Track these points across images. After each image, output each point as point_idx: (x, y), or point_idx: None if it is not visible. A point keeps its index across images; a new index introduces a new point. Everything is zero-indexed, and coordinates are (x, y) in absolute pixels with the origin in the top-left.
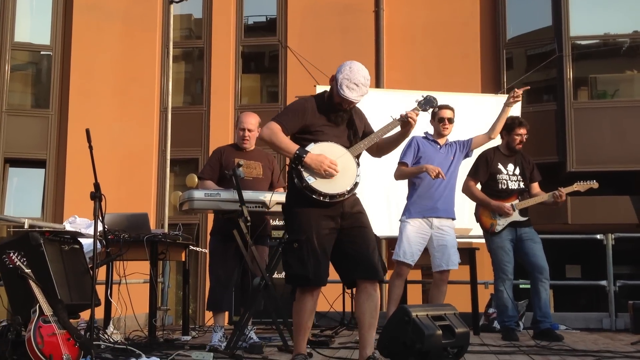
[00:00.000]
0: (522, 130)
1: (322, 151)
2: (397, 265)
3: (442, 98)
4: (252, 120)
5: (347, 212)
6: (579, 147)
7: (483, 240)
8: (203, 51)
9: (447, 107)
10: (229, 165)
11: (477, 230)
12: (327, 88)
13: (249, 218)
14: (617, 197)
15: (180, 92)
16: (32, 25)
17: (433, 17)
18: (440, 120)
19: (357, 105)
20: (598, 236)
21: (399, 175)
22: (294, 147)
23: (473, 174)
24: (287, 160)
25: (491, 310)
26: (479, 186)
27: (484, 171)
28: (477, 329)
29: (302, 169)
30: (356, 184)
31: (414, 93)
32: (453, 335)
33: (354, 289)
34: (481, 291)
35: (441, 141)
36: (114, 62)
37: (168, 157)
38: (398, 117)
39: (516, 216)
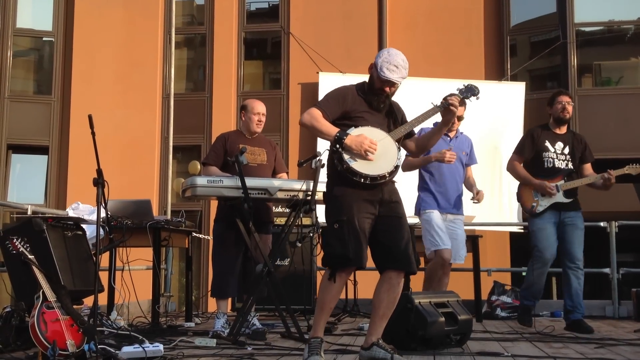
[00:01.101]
0: (564, 98)
1: (362, 133)
2: (437, 255)
3: (445, 84)
4: (264, 106)
5: (385, 199)
6: (582, 134)
7: (486, 228)
8: (205, 37)
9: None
10: (233, 151)
11: (480, 218)
12: (330, 74)
13: (251, 204)
14: (620, 185)
15: (183, 79)
16: (34, 11)
17: (436, 4)
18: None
19: (394, 99)
20: (602, 224)
21: (406, 166)
22: (334, 130)
23: (518, 151)
24: (300, 147)
25: (494, 298)
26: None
27: (530, 148)
28: (480, 316)
29: (342, 152)
30: (397, 167)
31: (416, 80)
32: (456, 322)
33: (354, 278)
34: (484, 278)
35: (451, 133)
36: (116, 49)
37: (171, 144)
38: (439, 103)
39: (560, 197)
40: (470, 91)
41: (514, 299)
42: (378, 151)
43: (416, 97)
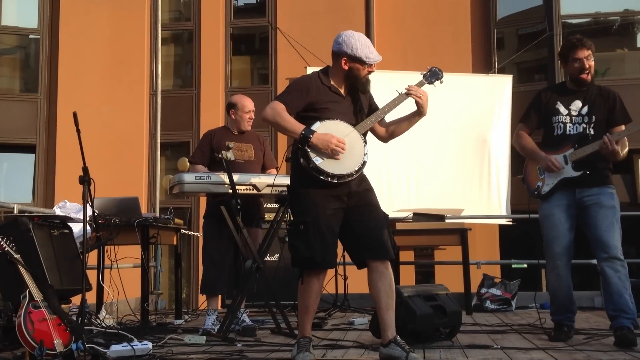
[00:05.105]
0: (582, 53)
1: (328, 130)
2: None
3: None
4: (252, 103)
5: (353, 190)
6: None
7: (475, 221)
8: (192, 33)
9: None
10: (220, 148)
11: (469, 210)
12: (318, 69)
13: (239, 201)
14: None
15: (170, 75)
16: (19, 8)
17: None
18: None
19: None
20: None
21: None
22: (299, 128)
23: (524, 119)
24: (288, 141)
25: (483, 290)
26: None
27: (536, 114)
28: (470, 308)
29: (308, 150)
30: (364, 163)
31: (405, 73)
32: (445, 315)
33: (358, 269)
34: (473, 271)
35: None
36: (103, 45)
37: (158, 141)
38: (403, 91)
39: (568, 171)
40: (434, 75)
41: (503, 291)
42: (345, 147)
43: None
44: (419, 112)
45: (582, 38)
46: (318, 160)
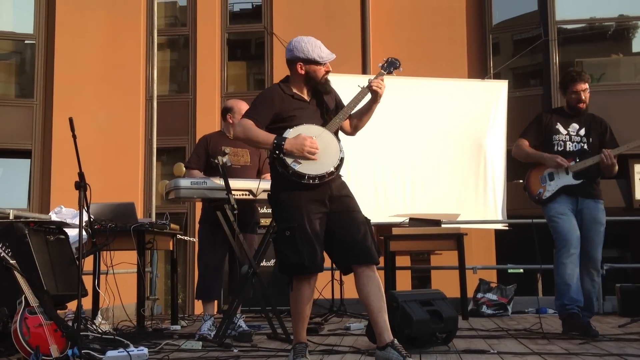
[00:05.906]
0: (580, 86)
1: (300, 134)
2: None
3: (428, 83)
4: (248, 107)
5: (334, 195)
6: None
7: (471, 226)
8: (188, 39)
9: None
10: (216, 153)
11: (465, 215)
12: None
13: (235, 206)
14: (603, 181)
15: (166, 81)
16: (15, 14)
17: (419, 2)
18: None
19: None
20: None
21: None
22: (270, 137)
23: (526, 135)
24: (266, 152)
25: (480, 295)
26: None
27: (536, 131)
28: (466, 313)
29: (284, 157)
30: (342, 160)
31: (400, 79)
32: (441, 320)
33: (343, 276)
34: (469, 276)
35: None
36: (99, 51)
37: (154, 146)
38: (365, 85)
39: (569, 179)
40: (392, 65)
41: (499, 296)
42: (319, 148)
43: (399, 96)
44: (374, 100)
45: (581, 72)
46: (296, 166)
